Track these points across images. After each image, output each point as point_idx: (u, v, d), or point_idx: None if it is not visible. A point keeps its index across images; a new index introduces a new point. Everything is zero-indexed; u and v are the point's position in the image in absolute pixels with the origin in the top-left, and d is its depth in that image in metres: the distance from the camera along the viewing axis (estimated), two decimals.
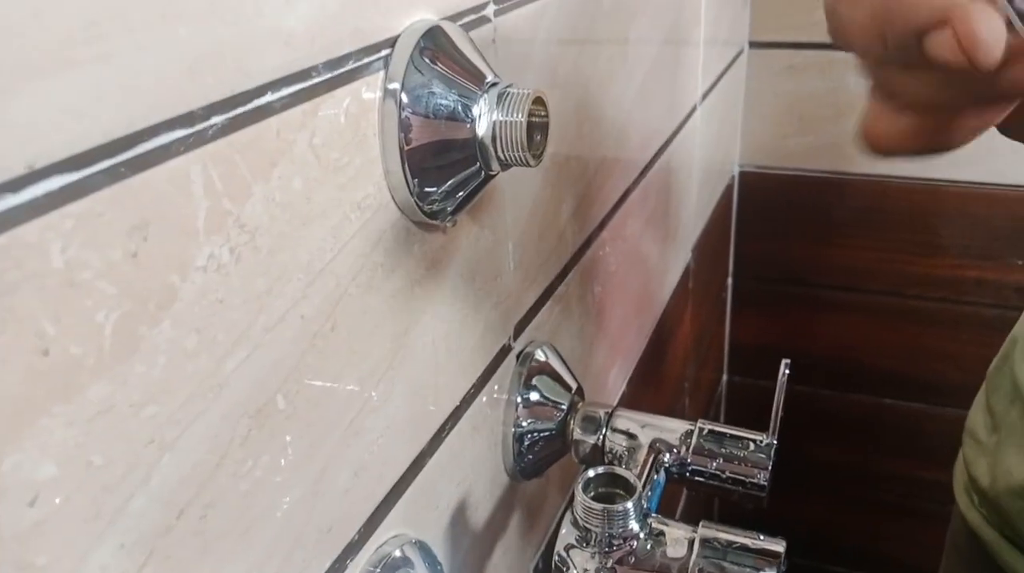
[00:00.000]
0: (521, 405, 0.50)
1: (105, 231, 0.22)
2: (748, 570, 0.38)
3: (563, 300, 0.60)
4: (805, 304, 1.33)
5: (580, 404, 0.52)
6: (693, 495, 1.17)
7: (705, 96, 1.01)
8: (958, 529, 0.73)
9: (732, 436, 0.47)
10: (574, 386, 0.53)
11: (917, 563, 0.85)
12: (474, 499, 0.48)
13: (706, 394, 1.32)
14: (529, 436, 0.51)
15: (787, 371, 0.48)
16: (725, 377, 1.46)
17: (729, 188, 1.30)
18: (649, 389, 0.91)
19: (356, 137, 0.32)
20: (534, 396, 0.51)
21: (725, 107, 1.18)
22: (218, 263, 0.26)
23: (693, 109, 0.95)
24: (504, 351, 0.50)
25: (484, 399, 0.48)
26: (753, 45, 1.24)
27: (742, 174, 1.32)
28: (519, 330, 0.52)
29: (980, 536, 0.66)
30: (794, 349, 1.31)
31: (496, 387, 0.49)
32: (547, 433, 0.51)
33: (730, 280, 1.38)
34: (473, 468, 0.47)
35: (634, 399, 0.82)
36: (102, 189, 0.22)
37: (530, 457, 0.51)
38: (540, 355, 0.53)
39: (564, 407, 0.52)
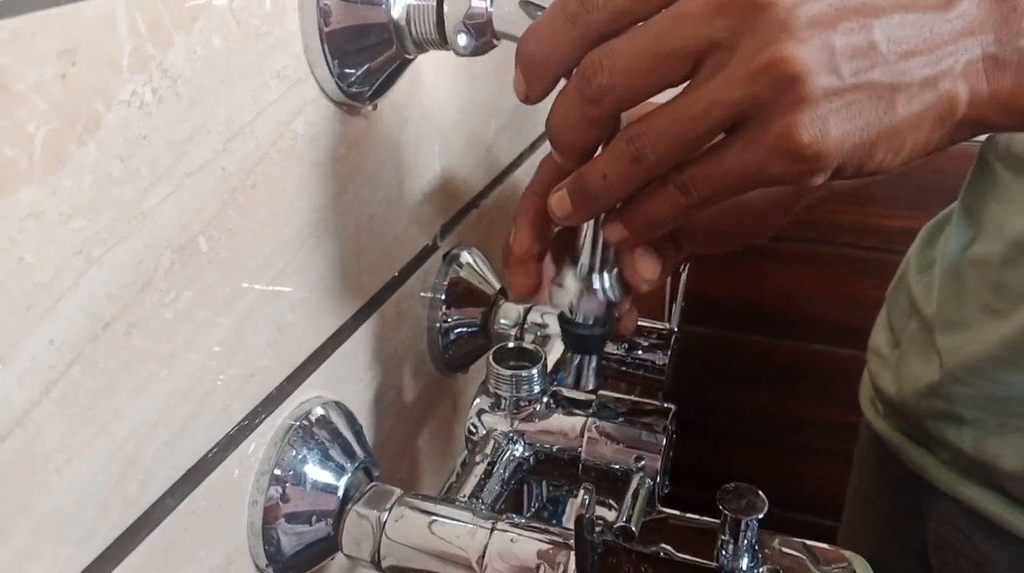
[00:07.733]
0: (445, 301, 0.54)
1: (38, 49, 0.25)
2: (638, 427, 0.42)
3: (493, 211, 0.63)
4: (737, 250, 1.37)
5: (502, 301, 0.56)
6: None
7: None
8: (865, 442, 0.78)
9: (639, 326, 0.51)
10: (497, 286, 0.56)
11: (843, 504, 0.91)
12: (398, 381, 0.51)
13: None
14: (454, 331, 0.55)
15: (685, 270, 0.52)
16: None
17: None
18: None
19: (275, 8, 0.35)
20: (458, 293, 0.54)
21: None
22: (141, 100, 0.29)
23: None
24: (430, 249, 0.53)
25: (409, 290, 0.51)
26: None
27: None
28: (445, 231, 0.55)
29: (887, 443, 0.71)
30: (727, 295, 1.36)
31: (421, 281, 0.52)
32: (470, 327, 0.55)
33: None
34: (398, 352, 0.51)
35: None
36: (36, 11, 0.25)
37: (454, 350, 0.55)
38: (466, 257, 0.56)
39: (487, 303, 0.55)
